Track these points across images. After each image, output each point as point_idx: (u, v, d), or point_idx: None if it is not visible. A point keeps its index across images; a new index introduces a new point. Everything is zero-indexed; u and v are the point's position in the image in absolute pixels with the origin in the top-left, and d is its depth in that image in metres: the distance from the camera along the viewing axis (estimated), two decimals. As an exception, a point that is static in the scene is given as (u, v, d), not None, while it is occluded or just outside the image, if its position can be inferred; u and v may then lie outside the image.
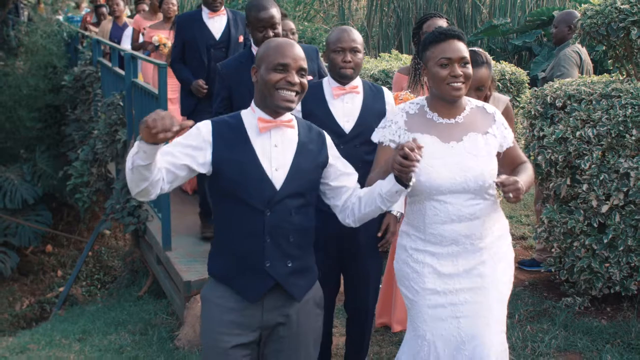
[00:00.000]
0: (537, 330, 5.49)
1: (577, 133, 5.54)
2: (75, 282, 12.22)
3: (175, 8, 8.67)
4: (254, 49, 6.09)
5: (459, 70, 3.49)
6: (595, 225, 5.61)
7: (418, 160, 3.11)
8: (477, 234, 3.59)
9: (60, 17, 14.37)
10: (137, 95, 7.83)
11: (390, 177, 3.27)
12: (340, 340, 5.43)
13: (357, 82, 4.54)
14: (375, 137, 3.80)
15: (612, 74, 6.33)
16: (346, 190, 3.53)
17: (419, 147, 3.11)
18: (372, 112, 4.44)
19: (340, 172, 3.54)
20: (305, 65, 3.36)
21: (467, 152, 3.55)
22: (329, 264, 4.47)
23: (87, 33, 12.35)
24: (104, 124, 8.83)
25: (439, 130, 3.61)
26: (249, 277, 3.34)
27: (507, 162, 3.74)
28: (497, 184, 3.38)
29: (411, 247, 3.71)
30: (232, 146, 3.32)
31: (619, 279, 5.60)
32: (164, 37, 8.33)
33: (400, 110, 3.73)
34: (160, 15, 9.00)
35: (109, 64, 9.67)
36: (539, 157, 5.69)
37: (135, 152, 2.97)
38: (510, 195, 3.32)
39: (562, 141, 5.65)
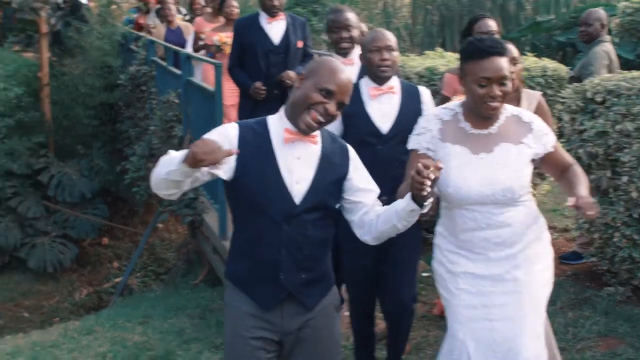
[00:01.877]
0: (578, 317, 5.67)
1: (617, 127, 5.67)
2: (130, 273, 12.67)
3: (238, 11, 8.59)
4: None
5: (497, 91, 3.40)
6: (636, 216, 5.72)
7: (430, 178, 2.98)
8: (508, 240, 3.55)
9: (124, 19, 14.72)
10: (192, 93, 8.17)
11: (408, 194, 3.18)
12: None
13: (394, 82, 4.58)
14: (411, 144, 3.78)
15: None
16: (362, 206, 3.44)
17: (438, 168, 3.00)
18: (409, 112, 4.43)
19: (357, 188, 3.43)
20: (347, 100, 3.30)
21: (497, 164, 3.50)
22: (365, 263, 4.61)
23: (141, 34, 12.70)
24: (160, 121, 9.17)
25: (470, 140, 3.57)
26: (264, 286, 3.34)
27: (551, 166, 3.71)
28: (572, 207, 3.30)
29: (445, 248, 3.73)
30: (256, 154, 3.27)
31: None
32: (225, 36, 8.20)
33: (434, 117, 3.69)
34: (222, 19, 8.95)
35: (164, 64, 10.06)
36: (580, 151, 5.86)
37: (174, 170, 3.02)
38: (592, 213, 3.25)
39: (602, 135, 5.78)
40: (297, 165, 3.29)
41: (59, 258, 12.77)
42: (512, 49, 4.48)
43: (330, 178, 3.35)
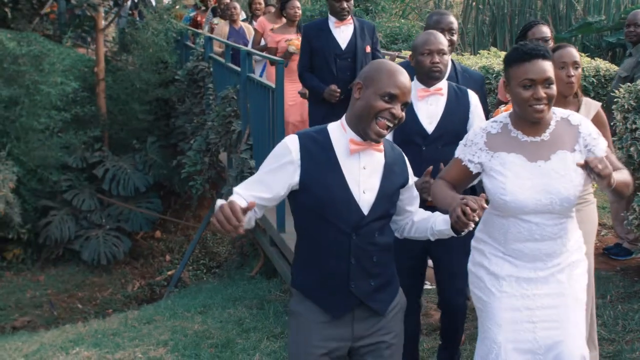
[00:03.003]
0: (627, 310, 5.76)
1: (668, 126, 5.79)
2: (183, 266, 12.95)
3: (300, 12, 8.57)
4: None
5: (542, 92, 3.35)
6: (685, 213, 5.81)
7: (475, 222, 3.05)
8: (557, 251, 3.53)
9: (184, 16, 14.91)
10: (252, 89, 8.38)
11: (448, 221, 3.25)
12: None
13: (442, 84, 4.58)
14: (457, 152, 3.72)
15: None
16: (409, 213, 3.51)
17: (482, 208, 3.05)
18: (456, 114, 4.49)
19: (409, 195, 3.47)
20: (409, 99, 3.25)
21: (555, 172, 3.44)
22: (412, 263, 4.62)
23: (199, 31, 12.92)
24: (218, 116, 9.40)
25: (524, 148, 3.51)
26: (334, 296, 3.31)
27: None
28: (583, 166, 3.27)
29: (489, 252, 3.67)
30: (321, 166, 3.22)
31: None
32: (296, 40, 8.06)
33: (482, 130, 3.64)
34: (284, 19, 8.90)
35: (222, 60, 10.28)
36: (632, 149, 5.96)
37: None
38: (597, 171, 3.19)
39: (652, 135, 5.89)
40: (364, 175, 3.26)
41: (112, 251, 13.07)
42: (574, 52, 4.52)
43: (394, 186, 3.35)
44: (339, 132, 3.28)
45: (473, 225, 3.08)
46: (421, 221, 3.45)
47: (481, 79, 5.27)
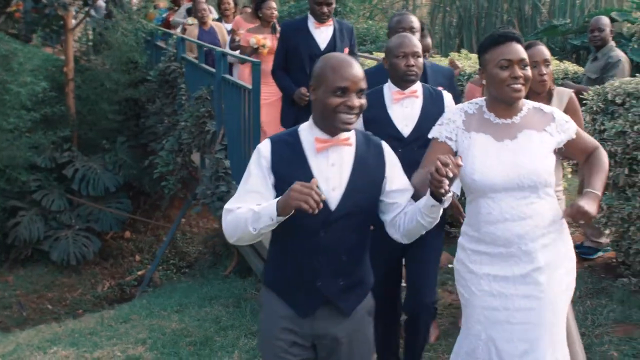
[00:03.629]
0: (596, 305, 5.95)
1: (635, 127, 5.93)
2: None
3: (277, 13, 8.54)
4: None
5: (519, 72, 3.46)
6: (651, 211, 6.00)
7: (448, 176, 2.98)
8: (530, 234, 3.53)
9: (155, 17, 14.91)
10: (227, 90, 8.46)
11: (428, 192, 3.17)
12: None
13: (417, 86, 4.59)
14: (431, 133, 3.76)
15: None
16: (398, 206, 3.42)
17: (456, 164, 3.03)
18: (431, 116, 4.31)
19: (393, 189, 3.42)
20: (364, 85, 3.25)
21: (521, 149, 3.52)
22: (389, 266, 4.68)
23: (171, 31, 12.93)
24: (192, 116, 9.45)
25: (494, 129, 3.59)
26: (301, 293, 3.34)
27: (577, 152, 3.74)
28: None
29: (469, 247, 3.70)
30: (290, 166, 3.26)
31: None
32: (261, 38, 8.24)
33: (459, 110, 3.71)
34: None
35: (195, 61, 10.35)
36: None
37: (269, 225, 3.07)
38: (582, 222, 3.48)
39: (621, 134, 6.04)
40: (332, 172, 3.28)
41: (82, 251, 12.98)
42: (544, 50, 4.65)
43: (366, 181, 3.33)
44: (308, 131, 3.33)
45: (448, 182, 3.00)
46: (412, 208, 3.37)
47: (450, 72, 5.34)
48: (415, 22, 5.19)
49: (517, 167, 3.48)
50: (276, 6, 8.58)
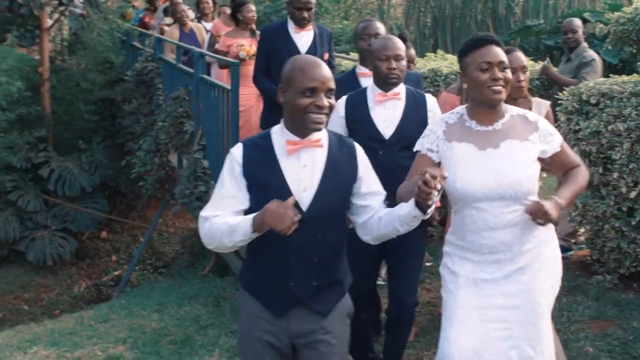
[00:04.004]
0: (572, 302, 6.08)
1: (609, 127, 6.07)
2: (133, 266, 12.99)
3: (256, 16, 8.54)
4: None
5: (499, 74, 3.46)
6: (625, 209, 6.15)
7: (437, 189, 3.03)
8: (516, 241, 3.55)
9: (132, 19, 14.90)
10: (205, 90, 8.50)
11: (412, 201, 3.19)
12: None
13: (400, 88, 4.62)
14: (416, 146, 3.78)
15: None
16: (370, 209, 3.45)
17: (443, 177, 3.07)
18: (413, 118, 4.50)
19: (365, 192, 3.45)
20: (332, 85, 3.28)
21: (504, 159, 3.51)
22: (365, 264, 4.65)
23: (148, 32, 12.93)
24: (169, 116, 9.49)
25: (476, 137, 3.58)
26: (274, 295, 3.37)
27: (556, 167, 3.72)
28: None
29: (454, 252, 3.72)
30: (262, 169, 3.29)
31: None
32: (248, 47, 8.17)
33: (441, 120, 3.72)
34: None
35: (173, 61, 10.37)
36: (575, 149, 6.24)
37: (243, 239, 3.16)
38: (540, 221, 3.36)
39: (595, 134, 6.18)
40: (304, 173, 3.31)
41: (58, 251, 12.95)
42: (522, 57, 4.74)
43: (338, 182, 3.36)
44: (279, 134, 3.36)
45: (436, 194, 3.05)
46: (387, 214, 3.38)
47: (417, 78, 5.38)
48: (380, 28, 5.24)
49: (500, 177, 3.49)
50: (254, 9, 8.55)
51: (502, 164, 3.49)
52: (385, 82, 4.56)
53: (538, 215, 3.35)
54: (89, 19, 14.20)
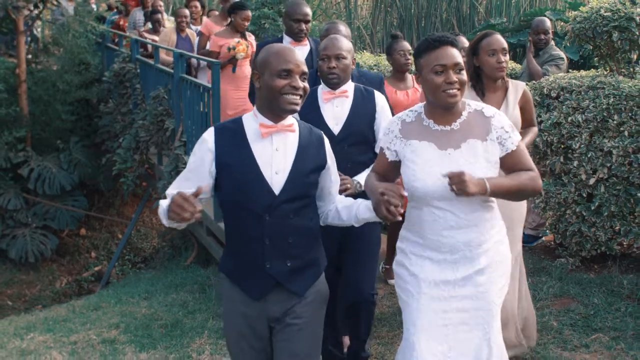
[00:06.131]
0: (537, 282, 6.51)
1: (569, 118, 6.51)
2: (108, 262, 13.26)
3: (247, 24, 8.52)
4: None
5: (454, 77, 3.38)
6: (584, 195, 6.58)
7: (395, 215, 3.18)
8: (475, 240, 3.54)
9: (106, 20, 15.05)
10: (185, 89, 8.77)
11: (371, 207, 3.39)
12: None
13: (348, 86, 4.65)
14: (379, 143, 3.80)
15: (598, 70, 7.16)
16: (328, 195, 3.60)
17: (402, 196, 3.21)
18: (361, 114, 4.54)
19: (329, 179, 3.56)
20: (306, 69, 3.38)
21: (464, 160, 3.47)
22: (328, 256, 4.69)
23: (124, 33, 13.13)
24: (150, 115, 9.79)
25: (435, 137, 3.53)
26: (252, 277, 3.42)
27: (507, 166, 3.59)
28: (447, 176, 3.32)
29: (410, 250, 3.69)
30: (234, 151, 3.36)
31: (604, 240, 6.56)
32: (242, 46, 8.19)
33: (397, 119, 3.68)
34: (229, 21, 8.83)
35: (150, 62, 10.65)
36: (537, 140, 6.65)
37: (169, 225, 3.28)
38: (454, 187, 3.28)
39: (556, 125, 6.62)
40: (277, 157, 3.37)
41: (39, 248, 13.11)
42: (502, 39, 4.80)
43: (308, 167, 3.43)
44: (252, 119, 3.43)
45: (400, 218, 3.24)
46: (345, 208, 3.55)
47: (378, 80, 5.36)
48: (343, 30, 5.37)
49: None
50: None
51: (462, 165, 3.44)
52: (325, 81, 4.63)
53: (454, 181, 3.27)
54: (63, 20, 14.32)
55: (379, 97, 4.73)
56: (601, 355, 5.34)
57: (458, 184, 3.26)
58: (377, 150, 3.89)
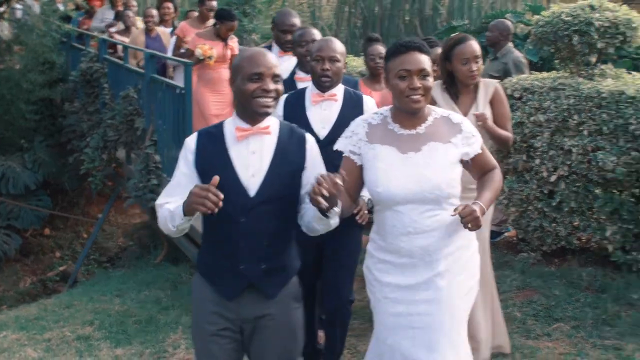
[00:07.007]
0: (500, 276, 6.67)
1: (531, 118, 6.76)
2: (73, 261, 13.25)
3: (231, 33, 8.33)
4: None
5: (418, 83, 3.37)
6: (546, 192, 6.82)
7: (324, 195, 3.03)
8: (434, 246, 3.50)
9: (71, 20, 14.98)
10: (156, 89, 8.88)
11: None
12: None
13: (338, 89, 4.61)
14: (337, 146, 3.74)
15: (559, 71, 7.34)
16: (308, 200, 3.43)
17: (335, 183, 3.05)
18: (349, 119, 4.10)
19: (309, 181, 3.43)
20: (278, 71, 3.36)
21: (425, 162, 3.46)
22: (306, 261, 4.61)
23: (92, 33, 13.09)
24: (119, 114, 9.85)
25: (398, 141, 3.52)
26: (226, 278, 3.42)
27: (476, 168, 3.67)
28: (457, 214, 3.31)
29: (376, 255, 3.68)
30: (212, 155, 3.37)
31: (564, 235, 6.80)
32: (208, 48, 8.04)
33: (363, 121, 3.66)
34: (208, 24, 8.88)
35: (119, 62, 10.70)
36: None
37: (182, 224, 3.24)
38: (469, 226, 3.29)
39: (519, 125, 6.84)
40: (253, 159, 3.37)
41: (3, 248, 12.98)
42: (475, 47, 4.79)
43: (286, 169, 3.40)
44: (231, 123, 3.44)
45: (326, 204, 3.09)
46: (311, 210, 3.41)
47: (352, 83, 5.27)
48: (317, 34, 5.29)
49: (420, 181, 3.44)
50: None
51: (423, 168, 3.46)
52: (318, 83, 4.57)
53: (468, 220, 3.28)
54: (27, 18, 14.26)
55: (367, 101, 4.69)
56: (563, 343, 5.59)
57: (473, 221, 3.28)
58: (336, 147, 3.78)
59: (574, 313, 6.03)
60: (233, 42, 8.35)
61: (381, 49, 6.26)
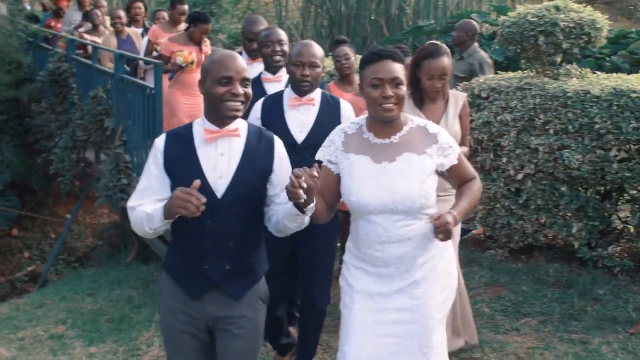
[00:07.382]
0: (469, 272, 6.84)
1: (498, 117, 6.88)
2: (42, 262, 13.17)
3: (205, 37, 8.30)
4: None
5: (390, 92, 3.36)
6: (513, 190, 6.97)
7: (302, 187, 3.05)
8: (409, 255, 3.50)
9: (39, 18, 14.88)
10: (126, 89, 8.92)
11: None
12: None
13: (316, 94, 4.62)
14: (317, 155, 3.72)
15: (524, 71, 7.54)
16: (278, 201, 3.50)
17: (312, 176, 3.07)
18: (327, 123, 4.31)
19: (276, 183, 3.48)
20: (247, 75, 3.36)
21: (398, 173, 3.45)
22: (281, 264, 4.65)
23: (60, 33, 13.02)
24: (88, 114, 9.84)
25: (373, 150, 3.52)
26: (191, 277, 3.44)
27: (454, 179, 3.65)
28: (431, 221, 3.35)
29: (351, 263, 3.69)
30: (180, 156, 3.38)
31: (531, 232, 6.96)
32: (187, 54, 7.98)
33: (340, 131, 3.66)
34: (180, 27, 8.77)
35: (87, 62, 10.69)
36: (468, 137, 6.92)
37: (160, 226, 3.26)
38: (440, 236, 3.30)
39: (486, 124, 6.98)
40: (221, 161, 3.38)
41: (-30, 248, 13.00)
42: (444, 63, 4.75)
43: (254, 172, 3.42)
44: (200, 125, 3.44)
45: (305, 196, 3.11)
46: (283, 209, 3.41)
47: (323, 85, 5.19)
48: (282, 35, 5.29)
49: (392, 191, 3.43)
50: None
51: (396, 179, 3.45)
52: (297, 88, 4.58)
53: (440, 230, 3.29)
54: None
55: (345, 106, 4.70)
56: (531, 337, 5.73)
57: (444, 232, 3.29)
58: (317, 157, 3.73)
59: (542, 308, 6.18)
60: (206, 46, 8.31)
61: (347, 50, 6.35)
